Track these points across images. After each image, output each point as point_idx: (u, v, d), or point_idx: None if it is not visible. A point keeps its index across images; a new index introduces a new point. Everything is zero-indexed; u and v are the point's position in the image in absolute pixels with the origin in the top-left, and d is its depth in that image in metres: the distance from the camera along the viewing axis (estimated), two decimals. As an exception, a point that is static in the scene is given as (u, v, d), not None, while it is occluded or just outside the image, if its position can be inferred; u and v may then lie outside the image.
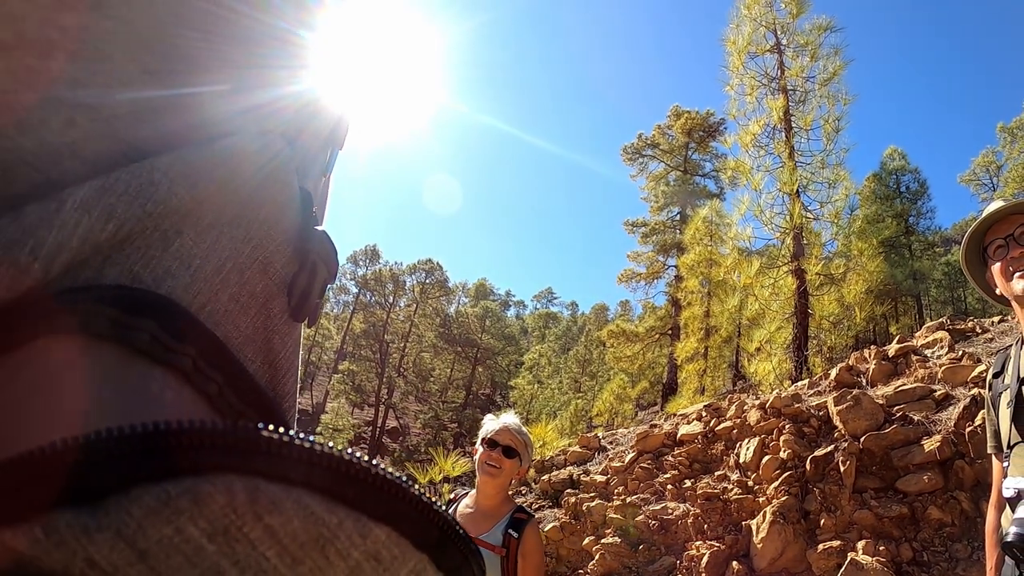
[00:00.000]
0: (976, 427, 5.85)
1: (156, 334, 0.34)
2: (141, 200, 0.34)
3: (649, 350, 32.05)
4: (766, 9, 19.18)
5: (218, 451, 0.27)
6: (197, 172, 0.37)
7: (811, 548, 6.00)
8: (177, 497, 0.25)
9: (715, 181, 36.88)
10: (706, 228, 24.96)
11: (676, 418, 10.41)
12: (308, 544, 0.27)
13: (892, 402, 6.92)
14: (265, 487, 0.27)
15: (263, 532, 0.26)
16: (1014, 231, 2.42)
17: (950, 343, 8.29)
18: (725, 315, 22.37)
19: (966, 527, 5.59)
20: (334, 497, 0.28)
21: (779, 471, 6.80)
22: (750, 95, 19.19)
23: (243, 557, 0.26)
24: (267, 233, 0.43)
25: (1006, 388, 2.49)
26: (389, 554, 0.29)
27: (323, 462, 0.28)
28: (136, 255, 0.35)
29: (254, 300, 0.43)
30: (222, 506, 0.26)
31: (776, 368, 15.77)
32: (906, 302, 35.89)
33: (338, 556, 0.28)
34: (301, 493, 0.27)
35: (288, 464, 0.28)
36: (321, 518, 0.27)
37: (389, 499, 0.30)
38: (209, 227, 0.38)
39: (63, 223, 0.31)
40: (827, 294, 17.07)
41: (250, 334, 0.43)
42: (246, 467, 0.27)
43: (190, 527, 0.25)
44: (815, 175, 18.12)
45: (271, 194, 0.43)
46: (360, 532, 0.28)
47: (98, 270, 0.33)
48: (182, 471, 0.26)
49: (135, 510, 0.25)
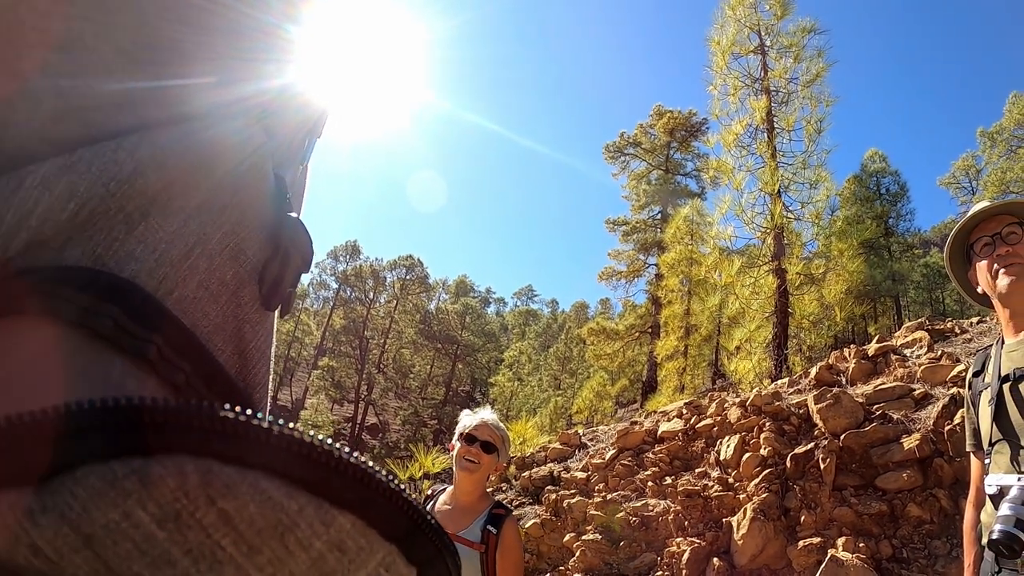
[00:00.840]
0: (955, 426, 5.91)
1: (120, 320, 0.32)
2: (104, 179, 0.33)
3: (629, 348, 32.17)
4: (751, 10, 19.33)
5: (169, 430, 0.25)
6: (165, 154, 0.36)
7: (791, 545, 6.04)
8: (124, 478, 0.24)
9: (696, 180, 37.11)
10: (687, 227, 25.08)
11: (657, 415, 10.44)
12: (266, 531, 0.25)
13: (872, 401, 6.98)
14: (219, 469, 0.25)
15: (217, 518, 0.24)
16: (1001, 230, 2.44)
17: (929, 343, 8.38)
18: (705, 314, 22.52)
19: (945, 524, 5.65)
20: (294, 482, 0.26)
21: (759, 468, 6.83)
22: (733, 95, 19.32)
23: (196, 545, 0.24)
24: (239, 220, 0.42)
25: (986, 387, 2.51)
26: (355, 544, 0.27)
27: (282, 444, 0.27)
28: (99, 237, 0.33)
29: (224, 288, 0.41)
30: (173, 489, 0.24)
31: (756, 367, 15.91)
32: (885, 303, 36.25)
33: (299, 546, 0.26)
34: (258, 476, 0.26)
35: (243, 445, 0.26)
36: (279, 503, 0.26)
37: (354, 485, 0.28)
38: (177, 211, 0.37)
39: (22, 200, 0.30)
40: (807, 294, 17.23)
41: (219, 322, 0.41)
42: (199, 448, 0.25)
43: (138, 511, 0.24)
44: (796, 176, 18.29)
45: (244, 181, 0.42)
46: (323, 520, 0.26)
47: (59, 251, 0.32)
48: (131, 450, 0.24)
49: (80, 491, 0.23)
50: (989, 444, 2.43)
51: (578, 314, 78.60)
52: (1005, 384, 2.42)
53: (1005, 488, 2.26)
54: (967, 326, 9.34)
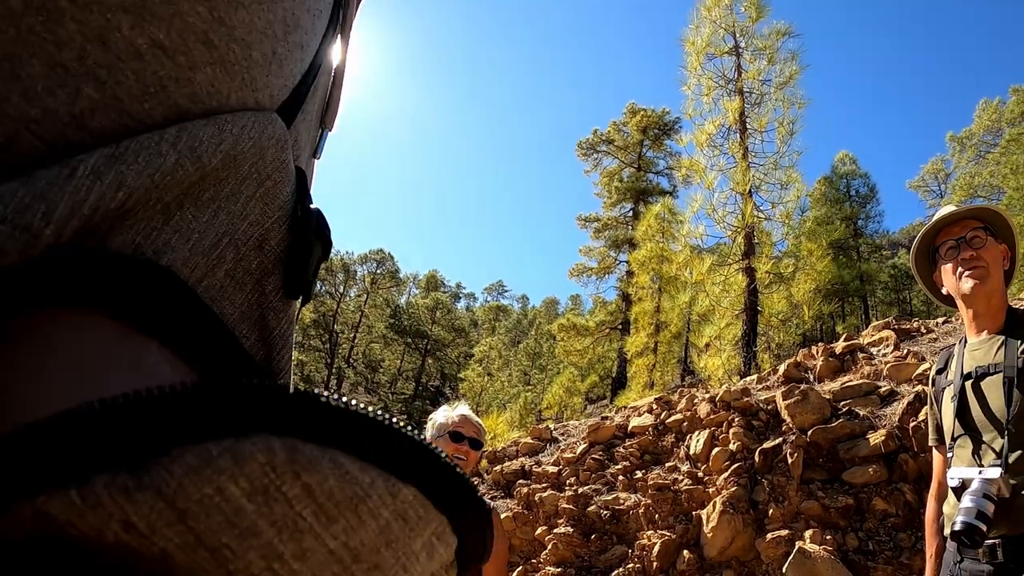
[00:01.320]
0: (920, 422, 6.04)
1: (157, 307, 0.34)
2: (150, 170, 0.33)
3: (599, 344, 32.24)
4: (726, 12, 19.49)
5: (256, 411, 0.27)
6: (203, 147, 0.36)
7: (760, 537, 6.14)
8: (218, 456, 0.25)
9: (668, 179, 37.28)
10: (658, 225, 25.17)
11: (627, 410, 10.50)
12: (342, 503, 0.27)
13: (839, 397, 7.11)
14: (302, 447, 0.27)
15: (301, 491, 0.26)
16: (966, 234, 2.51)
17: (896, 342, 8.53)
18: (675, 311, 22.63)
19: (910, 517, 5.77)
20: (365, 456, 0.28)
21: (728, 463, 6.92)
22: (707, 95, 19.49)
23: (281, 516, 0.26)
24: (263, 210, 0.43)
25: (949, 384, 2.59)
26: (415, 514, 0.29)
27: (356, 422, 0.29)
28: (138, 227, 0.34)
29: (249, 276, 0.42)
30: (262, 464, 0.26)
31: (725, 363, 16.06)
32: (853, 302, 36.71)
33: (370, 515, 0.28)
34: (336, 453, 0.27)
35: (323, 424, 0.28)
36: (355, 477, 0.27)
37: (416, 460, 0.30)
38: (208, 201, 0.38)
39: (75, 188, 0.30)
40: (776, 292, 17.44)
41: (245, 311, 0.42)
42: (284, 427, 0.27)
43: (231, 486, 0.25)
44: (768, 176, 18.50)
45: (268, 173, 0.42)
46: (390, 491, 0.28)
47: (102, 240, 0.33)
48: (222, 430, 0.26)
49: (176, 469, 0.25)
50: (951, 439, 2.50)
51: (548, 310, 78.79)
52: (967, 381, 2.50)
53: (967, 481, 2.34)
54: (933, 326, 9.51)
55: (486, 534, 0.34)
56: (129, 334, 0.32)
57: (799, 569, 5.40)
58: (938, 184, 43.13)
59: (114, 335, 0.32)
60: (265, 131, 0.41)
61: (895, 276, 38.33)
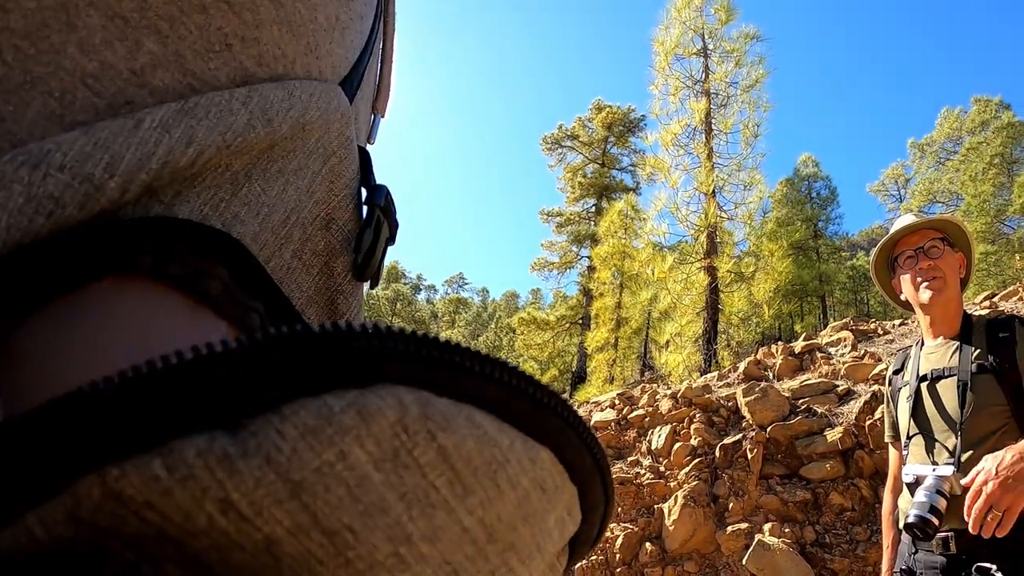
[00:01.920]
0: (876, 420, 6.20)
1: (228, 284, 0.31)
2: (221, 128, 0.31)
3: (559, 338, 32.23)
4: (696, 13, 19.62)
5: (382, 358, 0.23)
6: (273, 108, 0.34)
7: (720, 530, 6.26)
8: (342, 412, 0.21)
9: (632, 176, 37.33)
10: (621, 221, 25.21)
11: (589, 405, 10.55)
12: (481, 470, 0.23)
13: (797, 395, 7.24)
14: (436, 402, 0.23)
15: (436, 455, 0.22)
16: (924, 244, 2.61)
17: (853, 342, 8.73)
18: (636, 307, 22.70)
19: (865, 512, 5.93)
20: (503, 414, 0.25)
21: (690, 457, 7.03)
22: (674, 96, 19.62)
23: (412, 488, 0.22)
24: (329, 187, 0.40)
25: (906, 384, 2.69)
26: (552, 483, 0.26)
27: (491, 373, 0.25)
28: (207, 194, 0.31)
29: (317, 258, 0.40)
30: (392, 423, 0.22)
31: (686, 360, 16.21)
32: (812, 302, 37.17)
33: (509, 484, 0.24)
34: (472, 410, 0.24)
35: (457, 375, 0.24)
36: (494, 439, 0.24)
37: (553, 418, 0.26)
38: (277, 174, 0.35)
39: (143, 140, 0.28)
40: (737, 291, 17.65)
41: (312, 294, 0.40)
42: (414, 377, 0.23)
43: (356, 450, 0.21)
44: (731, 177, 18.70)
45: (333, 147, 0.40)
46: (529, 455, 0.25)
47: (168, 206, 0.30)
48: (343, 381, 0.22)
49: (290, 430, 0.20)
50: (907, 437, 2.61)
51: (509, 303, 78.77)
52: (923, 383, 2.60)
53: (921, 477, 2.45)
54: (890, 327, 9.74)
55: (608, 511, 0.30)
56: (200, 313, 0.29)
57: (759, 561, 5.54)
58: (898, 189, 43.85)
59: (184, 312, 0.29)
60: (331, 103, 0.39)
61: (853, 277, 38.91)
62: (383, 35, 0.56)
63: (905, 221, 2.75)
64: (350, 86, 0.44)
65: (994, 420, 2.39)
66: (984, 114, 34.15)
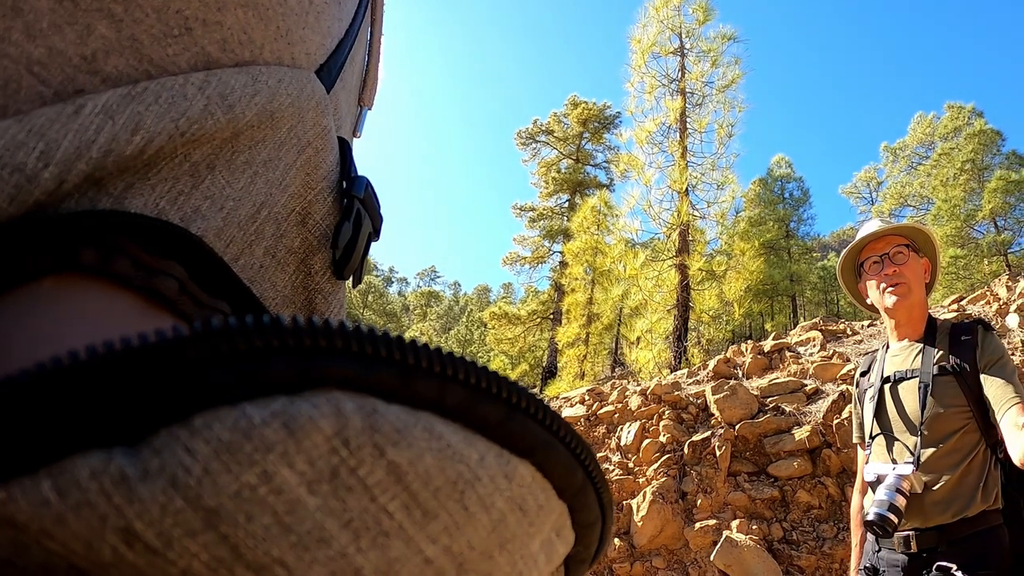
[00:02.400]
0: (843, 419, 6.27)
1: (185, 283, 0.28)
2: (174, 114, 0.28)
3: (530, 333, 32.24)
4: (674, 12, 19.72)
5: (319, 357, 0.19)
6: (234, 94, 0.31)
7: (688, 526, 6.30)
8: (264, 424, 0.18)
9: (606, 172, 37.38)
10: (594, 217, 25.24)
11: (559, 401, 10.56)
12: (443, 490, 0.20)
13: (766, 394, 7.33)
14: (385, 409, 0.20)
15: (386, 474, 0.19)
16: (889, 251, 2.64)
17: (822, 342, 8.85)
18: (608, 303, 22.77)
19: (832, 509, 6.02)
20: (471, 424, 0.21)
21: (659, 454, 7.06)
22: (649, 94, 19.70)
23: (358, 513, 0.19)
24: (305, 180, 0.37)
25: (871, 386, 2.73)
26: (535, 502, 0.22)
27: (455, 374, 0.21)
28: (163, 187, 0.28)
29: (292, 255, 0.37)
30: (329, 437, 0.18)
31: (656, 357, 16.29)
32: (782, 301, 37.47)
33: (479, 506, 0.21)
34: (431, 418, 0.20)
35: (414, 377, 0.20)
36: (459, 452, 0.20)
37: (535, 427, 0.23)
38: (243, 166, 0.32)
39: (82, 127, 0.25)
40: (708, 289, 17.78)
41: (289, 294, 0.37)
42: (358, 380, 0.20)
43: (283, 470, 0.18)
44: (705, 176, 18.83)
45: (309, 137, 0.37)
46: (504, 471, 0.21)
47: (119, 198, 0.27)
48: (269, 386, 0.19)
49: (200, 446, 0.17)
50: (870, 437, 2.66)
51: (480, 297, 78.74)
52: (886, 384, 2.64)
53: (881, 476, 2.49)
54: (858, 328, 9.87)
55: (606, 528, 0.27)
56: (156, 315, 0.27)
57: (726, 557, 5.59)
58: (870, 192, 44.24)
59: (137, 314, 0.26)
60: (304, 90, 0.36)
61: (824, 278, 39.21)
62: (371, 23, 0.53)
63: (871, 226, 2.79)
64: (328, 74, 0.41)
65: (955, 420, 2.43)
66: (957, 120, 34.58)
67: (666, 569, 6.23)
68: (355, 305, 67.22)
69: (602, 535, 0.27)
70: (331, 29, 0.41)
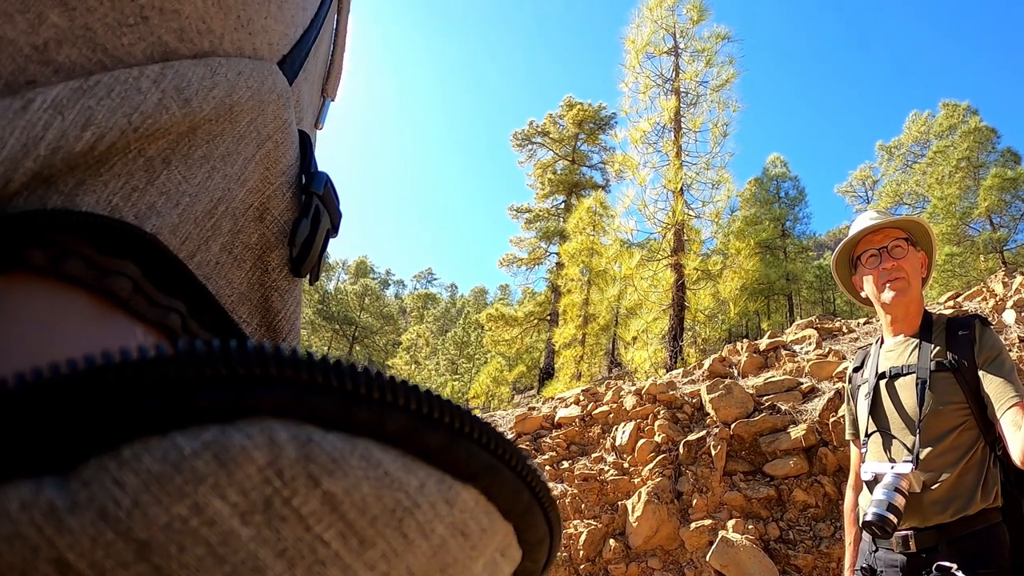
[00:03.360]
0: (839, 418, 6.24)
1: (139, 282, 0.27)
2: (127, 109, 0.27)
3: (527, 335, 32.30)
4: (668, 13, 19.82)
5: (251, 385, 0.19)
6: (191, 87, 0.30)
7: (684, 527, 6.25)
8: (194, 456, 0.18)
9: (602, 173, 37.49)
10: (589, 218, 25.30)
11: (554, 401, 10.55)
12: (381, 518, 0.20)
13: (762, 392, 7.29)
14: (321, 438, 0.19)
15: (320, 504, 0.19)
16: (888, 244, 2.59)
17: (818, 340, 8.83)
18: (604, 303, 22.83)
19: (829, 508, 5.98)
20: (411, 450, 0.21)
21: (654, 454, 7.03)
22: (644, 94, 19.77)
23: (293, 543, 0.18)
24: (264, 175, 0.36)
25: (865, 382, 2.67)
26: (477, 526, 0.22)
27: (395, 400, 0.21)
28: (116, 183, 0.28)
29: (249, 251, 0.36)
30: (262, 467, 0.18)
31: (652, 357, 16.32)
32: (778, 300, 37.58)
33: (419, 533, 0.20)
34: (369, 445, 0.20)
35: (352, 404, 0.20)
36: (397, 480, 0.20)
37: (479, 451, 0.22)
38: (200, 160, 0.32)
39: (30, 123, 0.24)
40: (704, 289, 17.83)
41: (245, 291, 0.37)
42: (293, 408, 0.19)
43: (215, 502, 0.18)
44: (700, 175, 18.90)
45: (269, 130, 0.36)
46: (445, 497, 0.21)
47: (70, 196, 0.26)
48: (200, 415, 0.18)
49: (129, 478, 0.17)
50: (866, 435, 2.60)
51: (477, 299, 78.83)
52: (882, 381, 2.59)
53: (879, 475, 2.44)
54: (854, 326, 9.88)
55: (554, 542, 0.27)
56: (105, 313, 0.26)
57: (722, 557, 5.54)
58: (865, 190, 44.36)
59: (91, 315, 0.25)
60: (265, 83, 0.35)
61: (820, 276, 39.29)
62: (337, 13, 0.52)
63: (866, 219, 2.74)
64: (291, 65, 0.40)
65: (953, 417, 2.38)
66: (952, 118, 34.64)
67: (662, 570, 6.18)
68: (352, 308, 67.29)
69: (551, 549, 0.27)
70: (295, 18, 0.40)
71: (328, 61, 0.53)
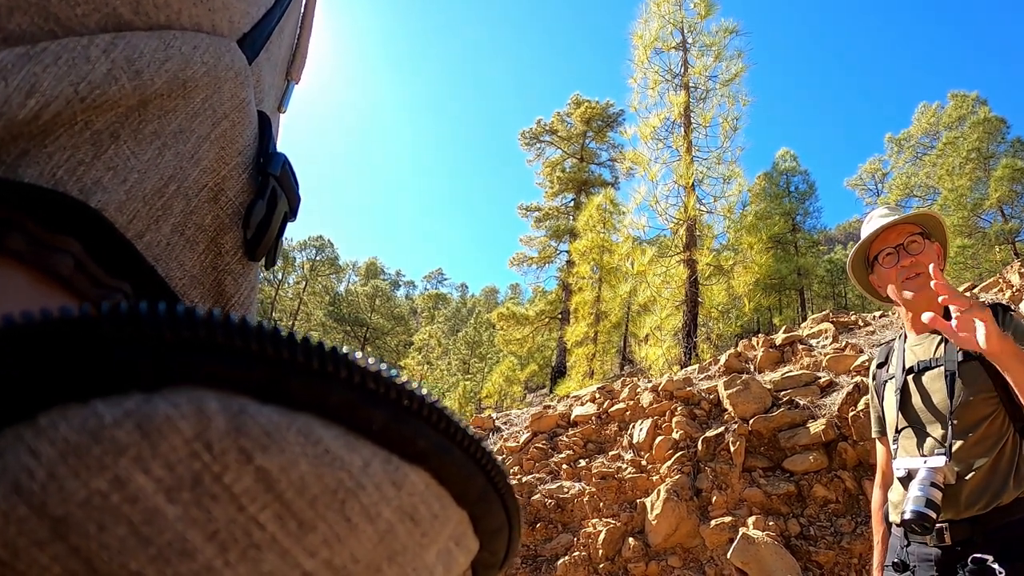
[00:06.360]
0: (859, 412, 6.21)
1: (82, 259, 0.26)
2: (74, 78, 0.26)
3: (539, 333, 32.34)
4: (675, 8, 19.82)
5: (180, 350, 0.18)
6: (143, 59, 0.28)
7: (704, 524, 6.23)
8: (115, 425, 0.16)
9: (610, 170, 37.49)
10: (599, 215, 25.32)
11: (570, 400, 10.54)
12: (321, 500, 0.18)
13: (779, 387, 7.26)
14: (256, 411, 0.18)
15: (254, 482, 0.17)
16: (904, 241, 2.56)
17: (834, 334, 8.77)
18: (616, 301, 22.84)
19: (849, 504, 5.93)
20: (355, 427, 0.19)
21: (671, 451, 7.01)
22: (652, 89, 19.76)
23: (224, 524, 0.17)
24: (219, 154, 0.35)
25: (891, 378, 2.64)
26: (428, 512, 0.21)
27: (338, 373, 0.19)
28: (60, 156, 0.26)
29: (202, 233, 0.35)
30: (189, 440, 0.17)
31: (666, 353, 16.30)
32: (790, 295, 37.55)
33: (363, 517, 0.19)
34: (310, 420, 0.19)
35: (291, 374, 0.19)
36: (339, 458, 0.19)
37: (429, 431, 0.21)
38: (151, 136, 0.30)
39: None
40: (716, 284, 17.78)
41: (197, 274, 0.35)
42: (225, 377, 0.18)
43: (138, 476, 0.16)
44: (710, 170, 18.86)
45: (225, 109, 0.35)
46: (392, 479, 0.20)
47: (11, 167, 0.25)
48: (123, 382, 0.17)
49: (45, 448, 0.16)
50: (895, 431, 2.58)
51: (488, 299, 78.92)
52: (909, 376, 2.57)
53: (912, 471, 2.41)
54: (870, 319, 9.82)
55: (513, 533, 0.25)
56: (43, 292, 0.24)
57: (743, 555, 5.51)
58: (875, 183, 44.20)
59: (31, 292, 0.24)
60: (222, 59, 0.34)
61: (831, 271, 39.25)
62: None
63: (877, 217, 2.72)
64: (252, 44, 0.39)
65: (984, 407, 2.37)
66: (961, 109, 34.51)
67: (682, 568, 6.16)
68: (363, 309, 67.42)
69: (510, 540, 0.26)
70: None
71: (294, 44, 0.52)
